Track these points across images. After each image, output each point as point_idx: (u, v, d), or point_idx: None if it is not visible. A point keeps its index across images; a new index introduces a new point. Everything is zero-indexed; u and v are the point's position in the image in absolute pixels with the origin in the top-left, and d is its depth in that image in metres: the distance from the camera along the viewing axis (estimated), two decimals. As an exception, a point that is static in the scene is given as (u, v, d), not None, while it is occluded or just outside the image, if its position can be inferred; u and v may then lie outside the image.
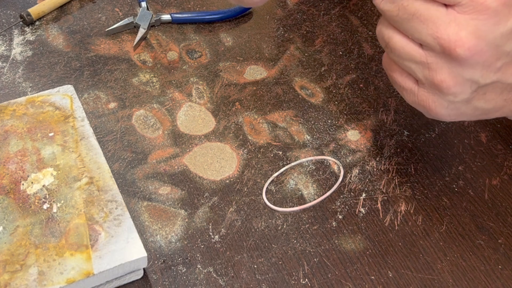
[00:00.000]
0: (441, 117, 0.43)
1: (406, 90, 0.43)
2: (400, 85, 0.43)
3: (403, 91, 0.44)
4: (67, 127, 0.50)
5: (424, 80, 0.41)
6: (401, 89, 0.44)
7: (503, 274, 0.46)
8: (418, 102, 0.43)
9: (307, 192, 0.50)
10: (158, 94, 0.57)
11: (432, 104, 0.42)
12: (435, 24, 0.38)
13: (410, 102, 0.44)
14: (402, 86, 0.43)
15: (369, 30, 0.65)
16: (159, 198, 0.49)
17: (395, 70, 0.43)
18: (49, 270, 0.41)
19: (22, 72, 0.59)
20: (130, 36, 0.63)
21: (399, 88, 0.44)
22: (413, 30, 0.40)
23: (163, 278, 0.44)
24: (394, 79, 0.44)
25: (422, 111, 0.44)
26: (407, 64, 0.42)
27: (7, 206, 0.45)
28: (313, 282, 0.45)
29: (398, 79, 0.43)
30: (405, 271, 0.46)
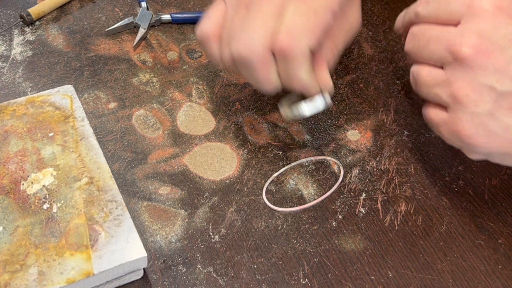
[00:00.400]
0: (471, 138, 0.43)
1: (440, 123, 0.45)
2: (435, 120, 0.46)
3: (439, 127, 0.45)
4: (67, 127, 0.50)
5: (448, 99, 0.43)
6: (437, 126, 0.46)
7: (503, 274, 0.46)
8: (450, 130, 0.44)
9: (307, 192, 0.50)
10: (158, 94, 0.57)
11: (459, 124, 0.43)
12: (447, 39, 0.43)
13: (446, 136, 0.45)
14: (436, 122, 0.45)
15: (369, 30, 0.65)
16: (159, 198, 0.49)
17: (429, 108, 0.46)
18: (49, 270, 0.41)
19: (22, 72, 0.59)
20: (130, 36, 0.63)
21: (436, 127, 0.46)
22: (432, 52, 0.44)
23: (163, 278, 0.44)
24: (430, 117, 0.46)
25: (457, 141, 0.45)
26: (434, 91, 0.44)
27: (7, 206, 0.45)
28: (313, 282, 0.45)
29: (432, 115, 0.46)
30: (405, 271, 0.46)
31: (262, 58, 0.45)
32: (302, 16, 0.45)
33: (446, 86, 0.43)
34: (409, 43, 0.47)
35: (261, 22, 0.45)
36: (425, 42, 0.44)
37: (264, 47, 0.45)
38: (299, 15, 0.45)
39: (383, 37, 0.65)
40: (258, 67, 0.46)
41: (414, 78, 0.47)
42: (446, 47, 0.43)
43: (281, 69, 0.46)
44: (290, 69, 0.46)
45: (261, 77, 0.46)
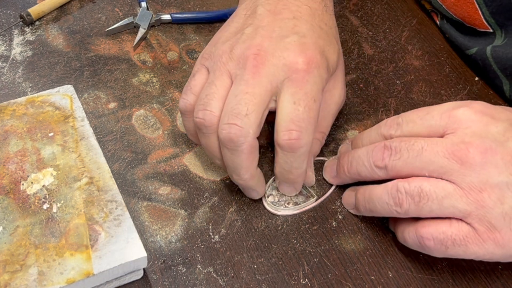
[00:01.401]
0: (507, 238, 0.40)
1: (467, 238, 0.41)
2: (458, 237, 0.41)
3: (467, 243, 0.41)
4: (67, 127, 0.50)
5: (468, 207, 0.40)
6: (463, 243, 0.41)
7: (503, 274, 0.46)
8: (482, 240, 0.41)
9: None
10: (158, 94, 0.57)
11: (492, 228, 0.40)
12: (445, 148, 0.41)
13: (476, 250, 0.41)
14: (460, 238, 0.41)
15: (369, 30, 0.65)
16: (159, 198, 0.49)
17: (441, 227, 0.42)
18: (49, 270, 0.41)
19: (22, 72, 0.59)
20: (130, 36, 0.63)
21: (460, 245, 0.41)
22: (427, 163, 0.42)
23: (163, 278, 0.44)
24: (447, 236, 0.41)
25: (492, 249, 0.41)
26: (448, 203, 0.41)
27: (7, 206, 0.45)
28: (313, 282, 0.45)
29: (449, 233, 0.41)
30: (405, 271, 0.46)
31: (252, 145, 0.44)
32: (304, 106, 0.44)
33: (461, 194, 0.41)
34: (390, 157, 0.43)
35: (255, 105, 0.44)
36: (416, 153, 0.42)
37: (256, 134, 0.44)
38: (301, 105, 0.44)
39: (383, 37, 0.65)
40: (245, 153, 0.44)
41: (418, 194, 0.42)
42: (447, 155, 0.41)
43: (282, 161, 0.45)
44: (293, 162, 0.45)
45: (245, 164, 0.45)
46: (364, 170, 0.45)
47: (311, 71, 0.45)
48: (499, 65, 0.57)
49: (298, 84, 0.44)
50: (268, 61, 0.45)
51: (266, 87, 0.44)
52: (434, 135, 0.43)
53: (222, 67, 0.46)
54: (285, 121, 0.43)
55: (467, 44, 0.61)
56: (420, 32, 0.65)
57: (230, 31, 0.49)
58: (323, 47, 0.47)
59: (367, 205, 0.45)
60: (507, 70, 0.57)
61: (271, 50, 0.45)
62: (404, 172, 0.43)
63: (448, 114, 0.43)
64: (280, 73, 0.44)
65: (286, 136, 0.43)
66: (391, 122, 0.46)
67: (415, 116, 0.45)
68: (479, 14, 0.58)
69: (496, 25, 0.58)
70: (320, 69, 0.45)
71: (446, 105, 0.45)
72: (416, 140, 0.43)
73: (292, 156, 0.44)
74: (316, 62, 0.45)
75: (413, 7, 0.69)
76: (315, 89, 0.45)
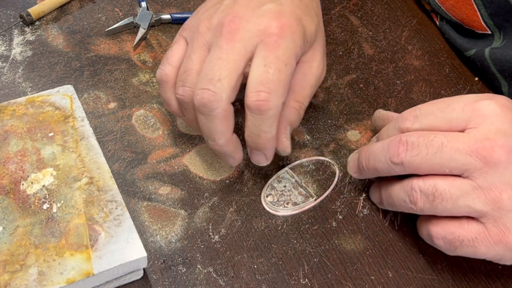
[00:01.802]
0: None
1: (477, 238, 0.40)
2: (467, 237, 0.41)
3: (475, 243, 0.40)
4: (67, 127, 0.50)
5: (486, 207, 0.40)
6: (472, 242, 0.41)
7: (503, 274, 0.46)
8: (493, 241, 0.40)
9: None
10: (158, 94, 0.57)
11: (505, 231, 0.39)
12: (468, 145, 0.40)
13: (485, 250, 0.40)
14: (470, 238, 0.41)
15: (369, 30, 0.65)
16: (159, 198, 0.49)
17: (453, 226, 0.41)
18: (49, 270, 0.41)
19: (22, 72, 0.59)
20: (130, 36, 0.63)
21: (469, 244, 0.41)
22: (448, 160, 0.40)
23: (163, 278, 0.44)
24: (458, 235, 0.41)
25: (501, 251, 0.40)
26: (464, 203, 0.40)
27: (7, 206, 0.45)
28: (313, 282, 0.45)
29: (459, 232, 0.41)
30: (405, 271, 0.46)
31: (225, 110, 0.44)
32: (274, 68, 0.43)
33: (480, 194, 0.39)
34: (407, 153, 0.42)
35: (229, 70, 0.44)
36: (435, 149, 0.41)
37: (230, 99, 0.44)
38: (271, 67, 0.43)
39: (383, 37, 0.65)
40: (219, 118, 0.44)
41: (433, 195, 0.41)
42: (470, 152, 0.40)
43: (251, 123, 0.44)
44: (261, 125, 0.44)
45: (219, 129, 0.45)
46: (381, 166, 0.44)
47: (284, 35, 0.44)
48: (498, 67, 0.57)
49: (270, 47, 0.44)
50: (243, 27, 0.45)
51: (240, 52, 0.44)
52: (455, 129, 0.42)
53: (200, 38, 0.46)
54: (255, 83, 0.43)
55: (465, 46, 0.61)
56: (420, 32, 0.65)
57: (211, 2, 0.49)
58: (301, 16, 0.47)
59: (388, 200, 0.45)
60: (505, 72, 0.56)
61: (247, 16, 0.45)
62: (422, 168, 0.41)
63: (471, 106, 0.42)
64: (254, 38, 0.45)
65: (255, 97, 0.43)
66: (407, 114, 0.45)
67: (435, 109, 0.43)
68: (477, 15, 0.58)
69: (494, 26, 0.58)
70: (295, 35, 0.45)
71: (467, 97, 0.43)
72: (436, 135, 0.41)
73: (260, 118, 0.44)
74: (291, 28, 0.45)
75: (413, 7, 0.69)
76: (287, 54, 0.44)
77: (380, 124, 0.51)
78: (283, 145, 0.48)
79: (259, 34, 0.45)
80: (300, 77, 0.48)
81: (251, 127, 0.45)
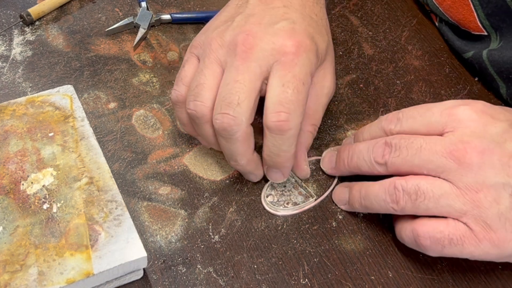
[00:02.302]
0: (503, 239, 0.40)
1: (463, 237, 0.41)
2: (455, 236, 0.41)
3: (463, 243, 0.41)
4: (67, 127, 0.50)
5: (465, 206, 0.41)
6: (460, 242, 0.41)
7: (503, 274, 0.46)
8: (478, 239, 0.41)
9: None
10: (158, 94, 0.57)
11: (487, 228, 0.40)
12: (444, 147, 0.42)
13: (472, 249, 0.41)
14: (457, 237, 0.41)
15: (369, 30, 0.65)
16: (159, 198, 0.49)
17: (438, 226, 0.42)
18: (49, 270, 0.41)
19: (22, 72, 0.59)
20: (130, 36, 0.63)
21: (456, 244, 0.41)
22: (425, 162, 0.42)
23: (163, 278, 0.44)
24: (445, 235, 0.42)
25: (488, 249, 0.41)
26: (445, 203, 0.41)
27: (7, 206, 0.45)
28: (313, 282, 0.45)
29: (446, 232, 0.42)
30: (405, 271, 0.46)
31: (246, 132, 0.45)
32: (292, 88, 0.44)
33: (458, 194, 0.41)
34: (390, 154, 0.44)
35: (246, 93, 0.44)
36: (414, 151, 0.42)
37: (249, 121, 0.44)
38: (290, 87, 0.44)
39: (383, 37, 0.65)
40: (240, 141, 0.45)
41: (415, 193, 0.42)
42: (445, 155, 0.41)
43: (270, 143, 0.45)
44: (282, 145, 0.44)
45: (241, 151, 0.46)
46: (364, 165, 0.46)
47: (300, 54, 0.45)
48: (495, 68, 0.57)
49: (287, 66, 0.44)
50: (257, 45, 0.45)
51: (256, 72, 0.44)
52: (433, 133, 0.43)
53: (212, 54, 0.46)
54: (274, 103, 0.43)
55: (463, 48, 0.61)
56: (420, 32, 0.65)
57: (221, 19, 0.49)
58: (313, 34, 0.47)
59: (363, 202, 0.46)
60: (503, 73, 0.57)
61: (261, 35, 0.45)
62: (403, 169, 0.43)
63: (448, 112, 0.43)
64: (269, 57, 0.45)
65: (275, 117, 0.43)
66: (391, 117, 0.46)
67: (416, 113, 0.45)
68: (474, 16, 0.58)
69: (491, 27, 0.58)
70: (309, 53, 0.45)
71: (447, 103, 0.45)
72: (415, 138, 0.43)
73: (280, 138, 0.44)
74: (305, 46, 0.45)
75: (413, 7, 0.69)
76: (304, 72, 0.45)
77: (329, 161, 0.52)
78: (304, 172, 0.50)
79: (274, 53, 0.45)
80: (313, 100, 0.48)
81: (270, 146, 0.45)
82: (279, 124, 0.43)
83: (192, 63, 0.48)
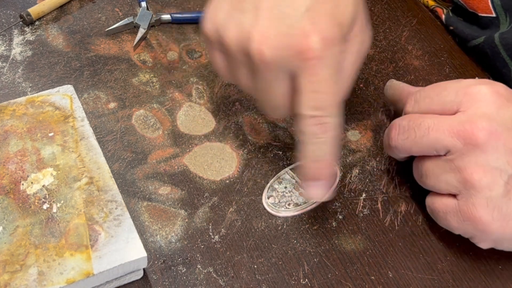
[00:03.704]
0: (486, 224, 0.41)
1: (450, 212, 0.43)
2: (442, 210, 0.44)
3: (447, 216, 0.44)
4: (67, 127, 0.50)
5: (459, 185, 0.42)
6: (445, 216, 0.44)
7: (503, 274, 0.46)
8: (463, 218, 0.42)
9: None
10: (158, 94, 0.57)
11: (474, 210, 0.41)
12: (452, 126, 0.42)
13: (456, 225, 0.44)
14: (444, 211, 0.44)
15: (369, 30, 0.65)
16: (159, 198, 0.49)
17: (434, 198, 0.45)
18: (49, 270, 0.41)
19: (22, 72, 0.58)
20: (130, 36, 0.63)
21: (444, 217, 0.44)
22: (433, 142, 0.43)
23: (163, 278, 0.44)
24: (436, 207, 0.45)
25: (469, 229, 0.43)
26: (444, 179, 0.43)
27: (7, 206, 0.45)
28: (313, 282, 0.45)
29: (438, 204, 0.45)
30: (405, 271, 0.46)
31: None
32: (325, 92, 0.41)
33: (456, 172, 0.42)
34: (398, 136, 0.45)
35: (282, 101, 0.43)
36: (422, 132, 0.43)
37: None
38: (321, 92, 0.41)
39: (383, 37, 0.65)
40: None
41: (420, 172, 0.45)
42: (453, 134, 0.42)
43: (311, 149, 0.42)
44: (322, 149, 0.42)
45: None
46: (387, 149, 0.48)
47: (324, 55, 0.41)
48: (509, 52, 0.56)
49: (313, 72, 0.41)
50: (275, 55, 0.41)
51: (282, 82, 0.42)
52: (448, 112, 0.43)
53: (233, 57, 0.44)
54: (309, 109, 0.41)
55: (474, 34, 0.60)
56: (420, 32, 0.65)
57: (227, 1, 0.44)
58: (332, 9, 0.41)
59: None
60: None
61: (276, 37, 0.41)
62: (414, 150, 0.45)
63: (464, 91, 0.43)
64: (290, 64, 0.41)
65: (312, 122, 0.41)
66: (410, 99, 0.47)
67: (432, 92, 0.45)
68: None
69: (501, 8, 0.57)
70: (334, 48, 0.41)
71: (464, 81, 0.44)
72: (424, 119, 0.43)
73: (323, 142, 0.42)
74: (327, 43, 0.40)
75: (413, 7, 0.69)
76: (333, 69, 0.41)
77: (390, 93, 0.52)
78: None
79: (295, 60, 0.41)
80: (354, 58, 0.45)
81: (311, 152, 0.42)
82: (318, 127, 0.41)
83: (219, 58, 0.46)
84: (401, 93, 0.51)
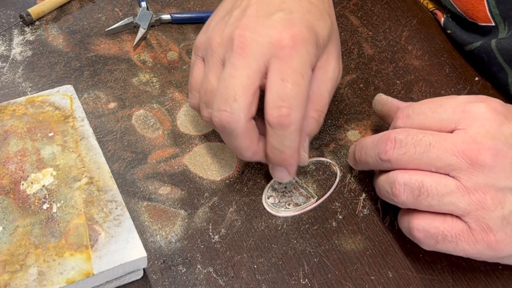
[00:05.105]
0: (500, 242, 0.40)
1: (460, 235, 0.41)
2: (450, 234, 0.41)
3: (458, 240, 0.41)
4: (67, 127, 0.50)
5: (469, 206, 0.40)
6: (455, 239, 0.41)
7: (503, 274, 0.46)
8: (476, 240, 0.41)
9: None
10: (158, 94, 0.57)
11: (488, 231, 0.40)
12: (455, 145, 0.41)
13: (467, 248, 0.41)
14: (453, 234, 0.41)
15: (369, 30, 0.65)
16: (159, 198, 0.49)
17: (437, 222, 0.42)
18: (49, 270, 0.41)
19: (22, 72, 0.58)
20: (130, 36, 0.63)
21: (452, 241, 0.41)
22: (435, 159, 0.41)
23: (163, 278, 0.44)
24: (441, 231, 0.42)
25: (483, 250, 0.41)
26: (448, 200, 0.41)
27: (7, 206, 0.45)
28: (313, 282, 0.45)
29: (443, 228, 0.42)
30: (405, 271, 0.46)
31: (245, 128, 0.44)
32: (292, 82, 0.43)
33: (465, 193, 0.40)
34: (395, 150, 0.43)
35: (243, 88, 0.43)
36: (423, 149, 0.42)
37: (248, 116, 0.44)
38: (289, 81, 0.43)
39: (383, 37, 0.65)
40: (241, 136, 0.44)
41: (418, 190, 0.42)
42: (457, 153, 0.40)
43: (273, 139, 0.44)
44: (284, 140, 0.44)
45: (244, 145, 0.45)
46: (371, 160, 0.45)
47: (298, 46, 0.44)
48: (505, 57, 0.57)
49: (284, 60, 0.44)
50: (254, 40, 0.44)
51: (253, 67, 0.44)
52: (444, 130, 0.42)
53: (214, 55, 0.46)
54: (274, 99, 0.43)
55: (470, 40, 0.60)
56: (420, 32, 0.65)
57: (220, 14, 0.49)
58: (312, 22, 0.46)
59: (377, 189, 0.46)
60: None
61: (257, 28, 0.45)
62: (409, 166, 0.42)
63: (462, 108, 0.42)
64: (266, 51, 0.44)
65: (276, 113, 0.43)
66: (400, 113, 0.45)
67: (427, 109, 0.44)
68: (484, 5, 0.58)
69: (499, 17, 0.57)
70: (308, 45, 0.45)
71: (460, 98, 0.44)
72: (424, 135, 0.42)
73: (283, 134, 0.44)
74: (302, 38, 0.44)
75: (413, 7, 0.69)
76: (302, 64, 0.44)
77: (378, 108, 0.51)
78: (300, 158, 0.47)
79: (271, 47, 0.44)
80: (317, 85, 0.47)
81: (273, 143, 0.44)
82: (281, 119, 0.43)
83: (198, 67, 0.49)
84: (390, 108, 0.50)
